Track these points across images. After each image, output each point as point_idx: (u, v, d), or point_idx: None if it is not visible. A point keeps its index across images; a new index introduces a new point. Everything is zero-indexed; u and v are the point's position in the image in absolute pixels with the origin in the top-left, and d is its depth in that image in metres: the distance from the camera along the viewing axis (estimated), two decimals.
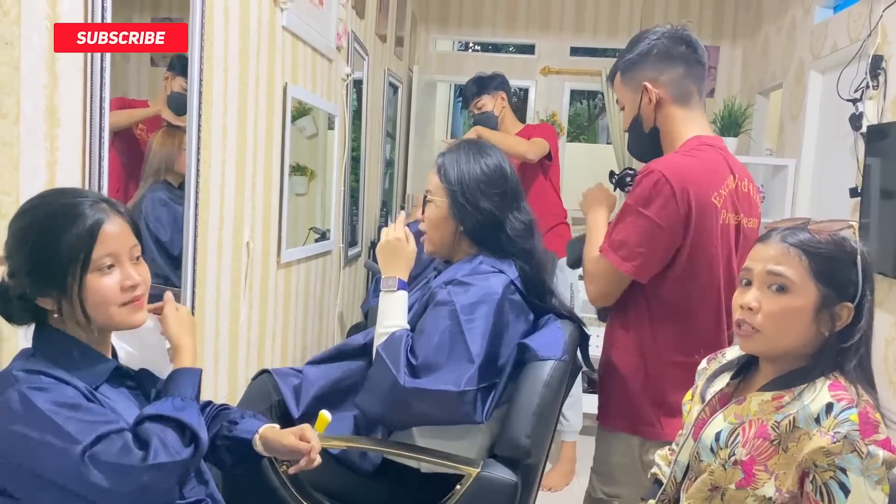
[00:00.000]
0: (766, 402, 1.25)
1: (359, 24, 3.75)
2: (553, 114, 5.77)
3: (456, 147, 1.83)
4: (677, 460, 1.36)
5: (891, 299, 3.10)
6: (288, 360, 2.91)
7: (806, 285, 1.21)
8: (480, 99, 3.58)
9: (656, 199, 1.65)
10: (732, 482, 1.23)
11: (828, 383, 1.21)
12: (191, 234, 1.95)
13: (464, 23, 6.03)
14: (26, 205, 1.20)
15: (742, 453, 1.23)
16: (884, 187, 3.13)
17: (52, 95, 1.41)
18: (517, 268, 1.76)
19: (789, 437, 1.19)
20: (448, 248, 1.82)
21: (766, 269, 1.24)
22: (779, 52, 4.87)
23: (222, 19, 2.07)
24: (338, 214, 3.52)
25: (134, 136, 1.84)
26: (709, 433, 1.29)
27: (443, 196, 1.78)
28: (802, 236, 1.23)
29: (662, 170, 1.67)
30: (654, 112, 1.80)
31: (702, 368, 1.47)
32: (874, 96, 3.34)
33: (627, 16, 5.81)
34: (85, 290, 1.15)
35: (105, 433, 1.09)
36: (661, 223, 1.65)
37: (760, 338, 1.25)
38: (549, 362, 1.65)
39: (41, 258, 1.14)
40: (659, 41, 1.78)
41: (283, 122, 2.63)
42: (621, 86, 1.85)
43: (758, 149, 5.12)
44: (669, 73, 1.77)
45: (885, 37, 3.31)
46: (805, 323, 1.22)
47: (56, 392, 1.11)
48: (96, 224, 1.16)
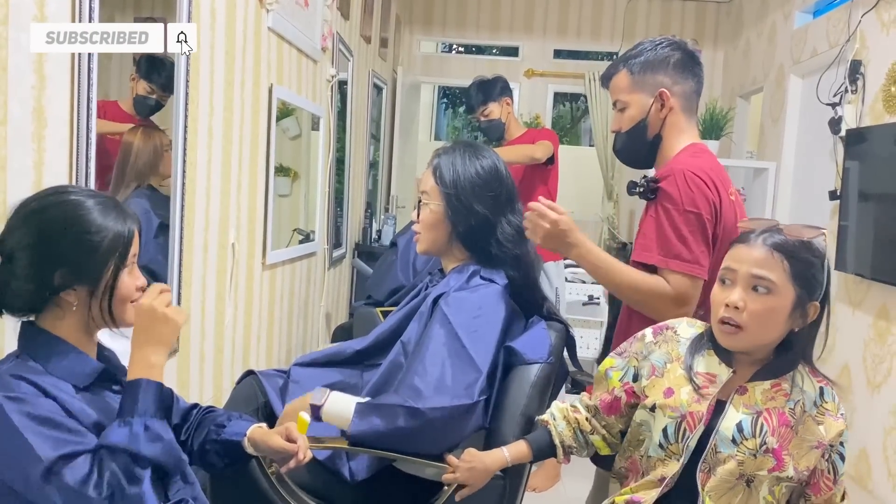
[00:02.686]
0: (768, 390, 1.36)
1: (344, 26, 3.75)
2: (537, 116, 5.79)
3: (451, 148, 1.82)
4: (687, 445, 1.37)
5: (868, 301, 3.15)
6: (273, 362, 2.90)
7: (786, 287, 1.32)
8: (487, 107, 3.54)
9: (695, 192, 1.66)
10: (763, 469, 1.33)
11: (807, 369, 1.39)
12: (177, 234, 1.94)
13: (448, 25, 6.05)
14: (43, 200, 1.18)
15: (773, 442, 1.33)
16: (862, 190, 3.18)
17: (39, 96, 1.40)
18: (507, 276, 1.76)
19: (800, 422, 1.35)
20: (440, 249, 1.82)
21: (752, 272, 1.32)
22: (760, 57, 4.93)
23: (208, 20, 2.07)
24: (322, 216, 3.52)
25: (103, 137, 1.81)
26: (727, 425, 1.35)
27: (438, 199, 1.77)
28: (782, 240, 1.33)
29: (685, 168, 1.69)
30: (661, 120, 1.80)
31: (649, 342, 1.50)
32: (853, 100, 3.39)
33: (610, 19, 5.85)
34: (117, 287, 1.19)
35: (70, 453, 1.08)
36: (706, 214, 1.66)
37: (744, 335, 1.34)
38: (536, 365, 1.66)
39: (81, 249, 1.16)
40: (676, 52, 1.79)
41: (269, 123, 2.63)
42: (630, 86, 1.81)
43: (739, 152, 5.18)
44: (683, 85, 1.79)
45: (864, 42, 3.37)
46: (782, 320, 1.34)
47: (32, 404, 1.10)
48: (134, 223, 1.22)
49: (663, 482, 1.38)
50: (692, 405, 1.38)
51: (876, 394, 3.03)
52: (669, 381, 1.43)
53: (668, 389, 1.42)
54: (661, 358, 1.46)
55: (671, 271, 1.66)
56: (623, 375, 1.51)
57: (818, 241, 1.35)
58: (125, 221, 1.20)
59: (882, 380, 3.00)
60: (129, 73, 1.88)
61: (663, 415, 1.41)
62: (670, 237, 1.66)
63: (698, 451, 1.37)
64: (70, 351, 1.20)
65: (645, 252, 1.70)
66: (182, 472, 1.35)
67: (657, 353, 1.47)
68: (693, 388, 1.39)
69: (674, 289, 1.66)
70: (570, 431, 1.56)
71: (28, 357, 1.17)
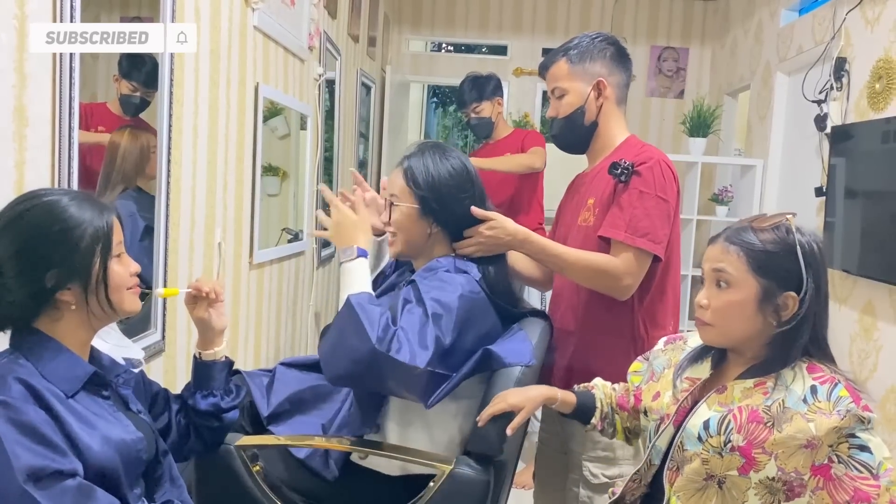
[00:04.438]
0: (749, 388, 1.32)
1: (331, 25, 3.75)
2: (525, 115, 5.79)
3: (419, 150, 1.82)
4: (655, 445, 1.38)
5: (854, 296, 3.17)
6: (261, 362, 2.90)
7: (745, 279, 1.30)
8: (480, 105, 3.60)
9: (668, 184, 1.83)
10: (733, 469, 1.29)
11: (805, 366, 1.30)
12: (162, 235, 1.94)
13: (436, 23, 6.05)
14: (17, 207, 1.18)
15: (739, 439, 1.28)
16: (848, 187, 3.20)
17: (20, 95, 1.40)
18: (479, 269, 1.76)
19: (782, 418, 1.26)
20: (417, 250, 1.82)
21: (712, 268, 1.34)
22: (746, 54, 4.95)
23: (193, 19, 2.06)
24: (311, 215, 3.52)
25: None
26: (695, 422, 1.33)
27: (410, 200, 1.77)
28: (741, 234, 1.32)
29: (662, 159, 1.86)
30: (597, 108, 1.94)
31: (658, 349, 1.54)
32: (838, 98, 3.41)
33: (599, 17, 5.86)
34: (109, 276, 1.21)
35: (46, 470, 1.07)
36: (674, 205, 1.84)
37: (712, 330, 1.35)
38: (518, 367, 1.66)
39: (66, 247, 1.17)
40: (611, 46, 1.95)
41: (255, 122, 2.62)
42: (568, 74, 1.94)
43: (727, 149, 5.20)
44: (617, 77, 1.96)
45: (849, 39, 3.39)
46: (749, 314, 1.31)
47: (19, 411, 1.09)
48: (111, 211, 1.23)
49: (630, 477, 1.42)
50: (670, 407, 1.39)
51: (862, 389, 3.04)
52: (660, 386, 1.46)
53: (656, 393, 1.45)
54: (662, 364, 1.50)
55: (633, 248, 1.79)
56: (641, 381, 1.56)
57: (794, 231, 1.30)
58: (102, 212, 1.21)
59: (868, 375, 3.02)
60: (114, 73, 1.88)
61: (649, 417, 1.45)
62: (640, 217, 1.79)
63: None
64: (62, 353, 1.19)
65: (613, 229, 1.82)
66: (170, 475, 1.35)
67: (661, 359, 1.51)
68: (673, 392, 1.41)
69: (625, 266, 1.80)
70: (608, 401, 1.62)
71: (20, 356, 1.17)
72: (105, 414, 1.22)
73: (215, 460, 1.59)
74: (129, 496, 1.22)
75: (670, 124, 5.81)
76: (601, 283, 1.83)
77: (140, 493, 1.26)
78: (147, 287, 1.88)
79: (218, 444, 1.56)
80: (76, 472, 1.11)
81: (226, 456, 1.59)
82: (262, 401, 1.78)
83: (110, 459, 1.17)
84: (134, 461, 1.23)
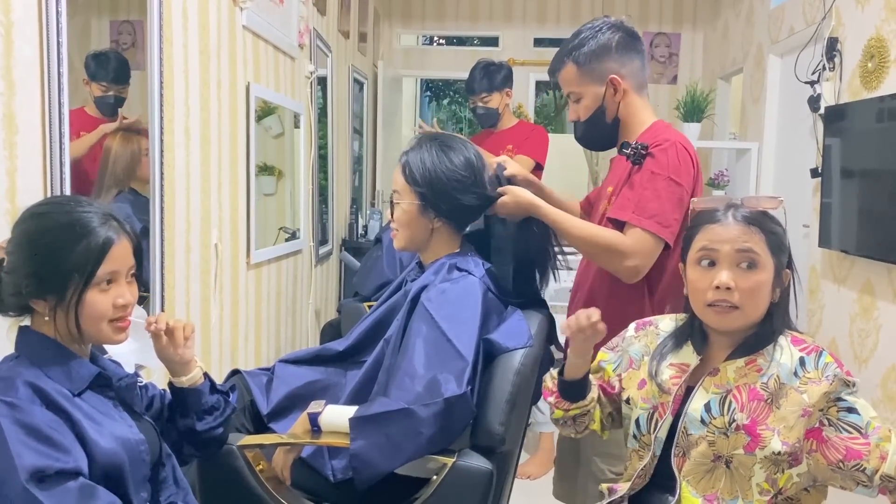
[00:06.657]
0: (741, 367, 1.33)
1: (320, 22, 3.74)
2: (519, 105, 5.79)
3: (418, 144, 1.81)
4: (657, 436, 1.38)
5: (853, 277, 3.17)
6: (262, 361, 2.90)
7: (767, 259, 1.32)
8: (490, 95, 3.53)
9: (683, 167, 1.75)
10: (739, 447, 1.30)
11: (788, 339, 1.35)
12: (157, 237, 1.94)
13: (427, 17, 6.03)
14: (39, 208, 1.21)
15: (743, 418, 1.30)
16: (843, 167, 3.20)
17: (9, 103, 1.39)
18: (482, 264, 1.77)
19: (779, 394, 1.30)
20: (421, 245, 1.82)
21: (737, 248, 1.31)
22: (738, 37, 4.94)
23: (181, 20, 2.05)
24: (307, 213, 3.52)
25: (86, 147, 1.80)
26: (695, 406, 1.34)
27: (410, 197, 1.76)
28: (751, 214, 1.33)
29: (679, 140, 1.77)
30: (617, 104, 1.86)
31: (630, 335, 1.51)
32: (831, 78, 3.41)
33: (589, 5, 5.85)
34: (82, 304, 1.17)
35: (49, 471, 1.08)
36: (688, 190, 1.74)
37: (739, 314, 1.32)
38: (519, 351, 1.67)
39: (47, 265, 1.16)
40: (616, 34, 1.84)
41: (248, 121, 2.61)
42: (579, 78, 1.85)
43: (721, 133, 5.20)
44: (630, 66, 1.85)
45: (840, 19, 3.38)
46: (768, 293, 1.33)
47: (25, 412, 1.10)
48: (107, 243, 1.19)
49: (636, 474, 1.39)
50: (663, 395, 1.39)
51: (864, 368, 3.05)
52: (644, 373, 1.44)
53: (642, 381, 1.44)
54: (639, 351, 1.48)
55: (639, 228, 1.72)
56: (616, 367, 1.53)
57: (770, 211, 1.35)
58: (105, 239, 1.18)
59: (868, 354, 3.02)
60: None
61: (636, 406, 1.43)
62: (649, 199, 1.72)
63: (672, 440, 1.36)
64: (65, 354, 1.20)
65: (620, 210, 1.76)
66: (174, 477, 1.35)
67: (636, 346, 1.49)
68: (657, 384, 1.39)
69: (632, 244, 1.72)
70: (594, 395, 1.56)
71: (25, 358, 1.18)
72: (111, 412, 1.23)
73: (218, 461, 1.59)
74: (135, 500, 1.22)
75: (664, 110, 5.79)
76: (606, 261, 1.77)
77: (146, 498, 1.26)
78: (145, 290, 1.88)
79: (214, 452, 1.55)
80: (79, 472, 1.12)
81: (228, 456, 1.59)
82: (262, 399, 1.78)
83: (117, 456, 1.18)
84: (138, 461, 1.23)
